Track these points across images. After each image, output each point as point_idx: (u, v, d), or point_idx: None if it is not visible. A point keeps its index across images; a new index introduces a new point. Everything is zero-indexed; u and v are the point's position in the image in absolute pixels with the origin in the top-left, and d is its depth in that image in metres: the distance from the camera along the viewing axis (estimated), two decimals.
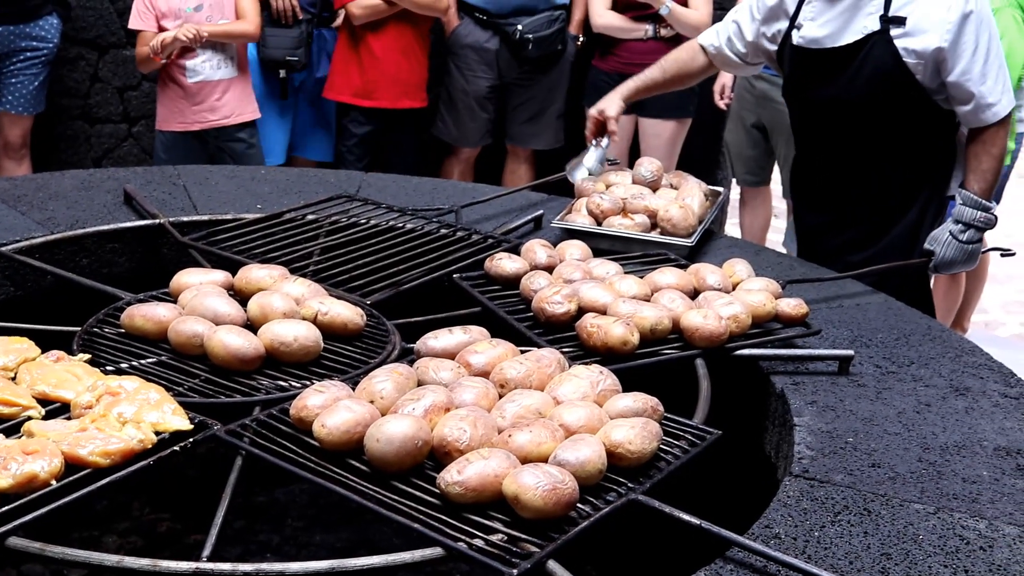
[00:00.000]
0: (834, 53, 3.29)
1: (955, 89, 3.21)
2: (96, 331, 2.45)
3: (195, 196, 3.42)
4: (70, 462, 1.84)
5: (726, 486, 2.50)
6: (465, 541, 1.72)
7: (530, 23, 5.76)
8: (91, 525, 2.80)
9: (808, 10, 3.34)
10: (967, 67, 3.16)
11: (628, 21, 5.70)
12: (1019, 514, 1.99)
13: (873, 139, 3.33)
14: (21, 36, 5.49)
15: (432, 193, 3.63)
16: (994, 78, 3.18)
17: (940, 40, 3.14)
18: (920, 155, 3.34)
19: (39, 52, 5.56)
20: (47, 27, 5.56)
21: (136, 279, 3.01)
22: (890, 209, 3.38)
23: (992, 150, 3.25)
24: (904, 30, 3.18)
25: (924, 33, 3.16)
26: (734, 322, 2.53)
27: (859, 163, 3.37)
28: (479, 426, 1.92)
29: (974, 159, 3.27)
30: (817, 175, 3.56)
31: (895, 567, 1.81)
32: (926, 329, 2.81)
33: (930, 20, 3.15)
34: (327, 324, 2.43)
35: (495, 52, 5.86)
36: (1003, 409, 2.40)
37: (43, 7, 5.53)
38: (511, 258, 2.84)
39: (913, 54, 3.18)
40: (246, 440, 1.99)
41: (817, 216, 3.56)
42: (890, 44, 3.19)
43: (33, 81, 5.59)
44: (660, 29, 5.66)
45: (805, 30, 3.34)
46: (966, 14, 3.13)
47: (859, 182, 3.39)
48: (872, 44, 3.22)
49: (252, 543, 2.81)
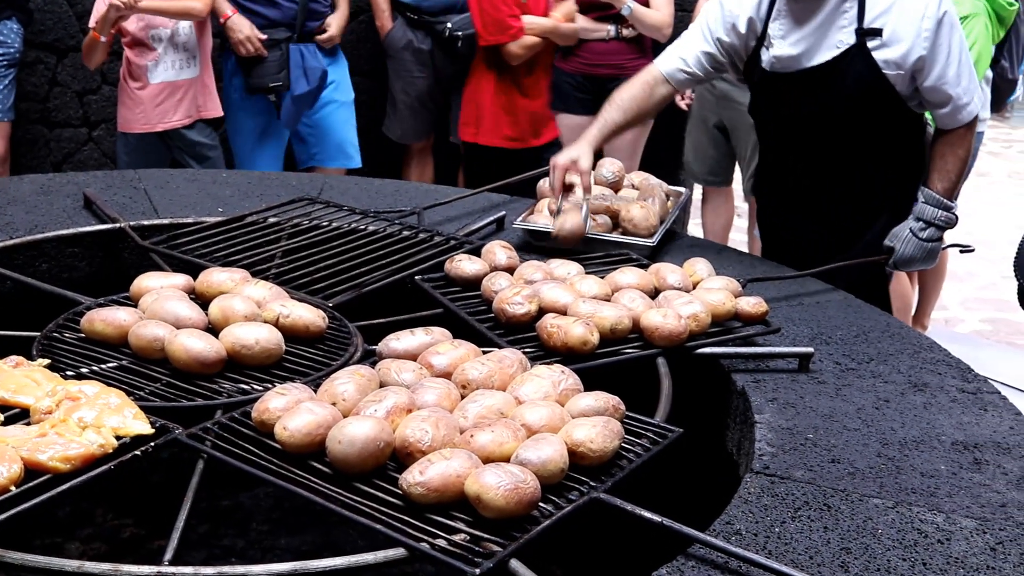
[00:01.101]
0: (810, 72, 3.21)
1: (932, 94, 3.18)
2: (56, 336, 2.43)
3: (156, 200, 3.40)
4: (30, 468, 1.83)
5: (689, 483, 2.51)
6: (428, 541, 1.72)
7: (459, 21, 5.76)
8: (53, 532, 2.78)
9: (776, 28, 3.24)
10: (943, 71, 3.13)
11: (590, 21, 5.72)
12: (976, 507, 2.02)
13: (847, 149, 3.31)
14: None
15: (394, 195, 3.63)
16: (968, 78, 3.18)
17: (920, 49, 3.09)
18: (893, 160, 3.33)
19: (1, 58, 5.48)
20: (6, 32, 5.47)
21: (97, 284, 3.00)
22: (862, 214, 3.35)
23: (958, 151, 3.26)
24: (881, 41, 3.12)
25: (902, 43, 3.11)
26: (694, 321, 2.54)
27: (832, 171, 3.35)
28: (441, 427, 1.92)
29: (939, 159, 3.27)
30: (787, 183, 3.51)
31: (854, 561, 1.83)
32: (885, 326, 2.84)
33: (906, 29, 3.10)
34: (289, 327, 2.43)
35: (429, 52, 5.87)
36: (960, 404, 2.43)
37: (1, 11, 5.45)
38: (471, 259, 2.84)
39: (892, 65, 3.13)
40: (208, 443, 1.98)
41: (787, 224, 3.53)
42: (868, 57, 3.13)
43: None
44: (622, 29, 5.69)
45: (776, 49, 3.24)
46: (940, 19, 3.09)
47: (832, 189, 3.36)
48: (850, 59, 3.15)
49: (216, 547, 2.80)
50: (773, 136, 3.50)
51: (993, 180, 9.90)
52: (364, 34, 6.46)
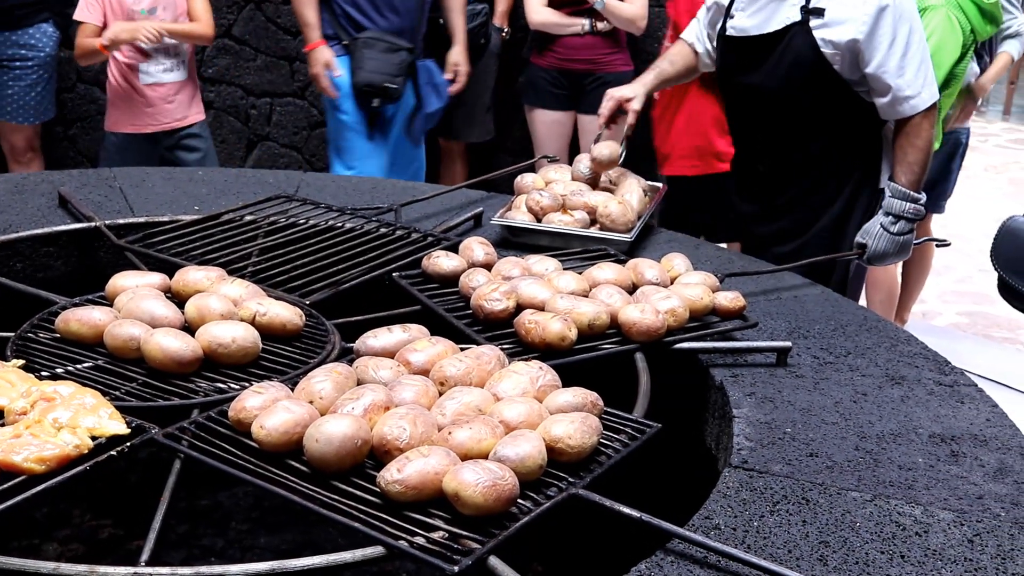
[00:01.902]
0: (758, 41, 3.41)
1: (873, 81, 3.31)
2: (30, 336, 2.41)
3: (131, 198, 3.38)
4: (4, 469, 1.81)
5: (668, 479, 2.51)
6: (406, 539, 1.71)
7: None
8: (31, 533, 2.77)
9: (739, 2, 3.50)
10: (883, 60, 3.25)
11: (564, 16, 5.72)
12: (954, 499, 2.02)
13: (797, 129, 3.44)
14: (8, 44, 5.48)
15: (371, 192, 3.62)
16: (913, 71, 3.25)
17: (856, 32, 3.24)
18: (845, 147, 3.42)
19: (29, 60, 5.54)
20: (39, 35, 5.55)
21: (72, 283, 2.98)
22: (816, 201, 3.47)
23: (917, 142, 3.31)
24: (822, 21, 3.30)
25: (841, 24, 3.27)
26: (671, 316, 2.54)
27: (785, 154, 3.49)
28: (419, 424, 1.92)
29: (900, 151, 3.33)
30: (748, 165, 3.66)
31: (833, 554, 1.83)
32: (862, 320, 2.85)
33: (847, 12, 3.27)
34: (266, 325, 2.41)
35: None
36: (938, 397, 2.44)
37: (35, 15, 5.51)
38: (448, 256, 2.84)
39: (830, 44, 3.29)
40: (184, 443, 1.97)
41: (749, 205, 3.67)
42: (809, 34, 3.31)
43: (29, 90, 5.58)
44: (596, 24, 5.69)
45: (736, 20, 3.49)
46: (882, 7, 3.22)
47: (786, 173, 3.50)
48: (793, 34, 3.34)
49: (195, 547, 2.79)
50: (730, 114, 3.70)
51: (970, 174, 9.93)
52: None
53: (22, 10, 5.47)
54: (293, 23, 6.52)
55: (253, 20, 6.58)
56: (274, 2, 6.54)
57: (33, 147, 5.80)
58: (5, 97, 5.58)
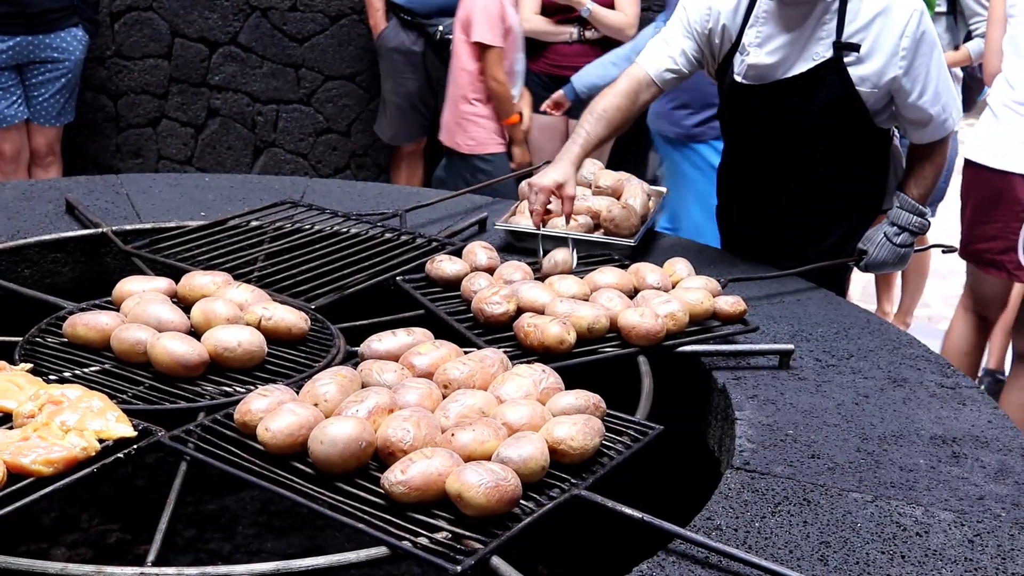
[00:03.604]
0: (784, 84, 3.15)
1: (913, 112, 3.13)
2: (38, 340, 2.43)
3: (138, 204, 3.40)
4: (13, 471, 1.83)
5: (671, 480, 2.52)
6: (410, 540, 1.73)
7: (451, 23, 5.79)
8: (39, 537, 2.79)
9: (753, 34, 3.15)
10: (922, 90, 3.08)
11: (553, 24, 5.76)
12: (954, 500, 2.04)
13: (811, 161, 3.27)
14: (40, 47, 5.57)
15: (377, 198, 3.64)
16: (946, 94, 3.13)
17: (896, 69, 3.03)
18: (854, 175, 3.30)
19: (60, 64, 5.63)
20: (69, 39, 5.64)
21: (79, 289, 3.00)
22: (821, 225, 3.33)
23: (937, 159, 3.25)
24: (857, 57, 3.05)
25: (878, 60, 3.05)
26: (671, 320, 2.55)
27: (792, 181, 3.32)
28: (422, 426, 1.93)
29: (918, 167, 3.23)
30: (746, 189, 3.48)
31: (833, 554, 1.84)
32: (865, 323, 2.86)
33: (883, 47, 3.04)
34: (271, 329, 2.43)
35: (421, 54, 5.90)
36: (939, 399, 2.45)
37: (66, 19, 5.60)
38: (451, 260, 2.85)
39: (867, 82, 3.07)
40: (190, 445, 1.99)
41: (748, 229, 3.50)
42: (843, 72, 3.06)
43: (56, 93, 5.68)
44: (585, 31, 5.73)
45: (752, 56, 3.16)
46: (917, 38, 3.03)
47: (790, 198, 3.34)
48: (825, 72, 3.08)
49: (203, 551, 2.81)
50: (738, 142, 3.45)
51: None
52: (346, 37, 6.48)
53: (55, 14, 5.57)
54: (299, 30, 6.55)
55: (259, 28, 6.61)
56: (280, 9, 6.56)
57: (54, 151, 5.90)
58: (35, 99, 5.69)
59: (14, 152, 5.71)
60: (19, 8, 5.42)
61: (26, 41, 5.50)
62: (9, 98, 5.60)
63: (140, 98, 6.72)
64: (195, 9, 6.50)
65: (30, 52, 5.54)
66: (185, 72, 6.63)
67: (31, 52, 5.54)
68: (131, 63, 6.64)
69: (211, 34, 6.60)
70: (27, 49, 5.52)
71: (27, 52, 5.53)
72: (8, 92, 5.58)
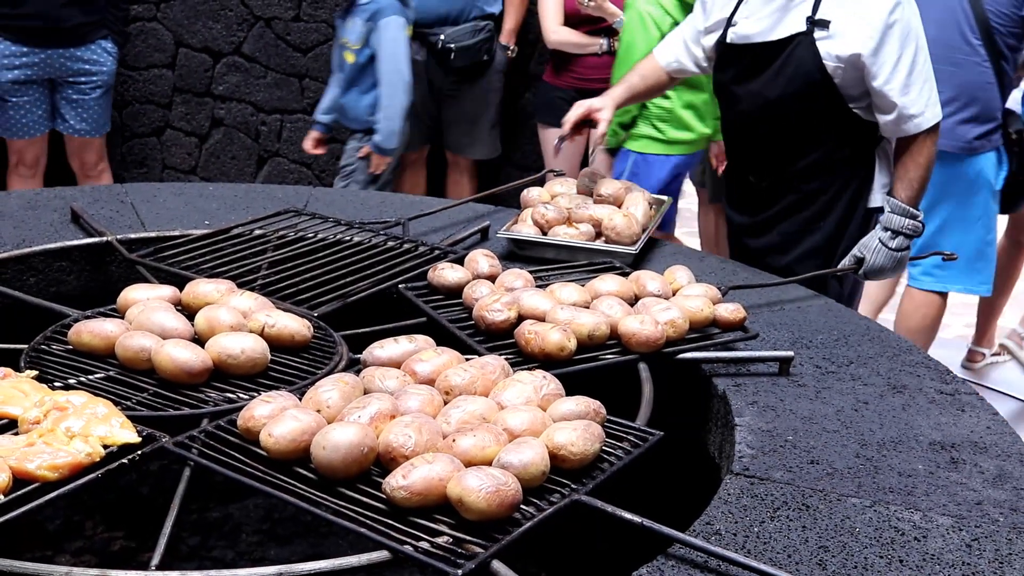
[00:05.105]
0: (761, 48, 3.39)
1: (878, 98, 3.30)
2: (44, 348, 2.45)
3: (143, 213, 3.42)
4: (18, 477, 1.85)
5: (671, 487, 2.54)
6: (411, 544, 1.74)
7: (453, 33, 5.80)
8: (44, 545, 2.80)
9: (744, 8, 3.44)
10: (889, 76, 3.24)
11: (583, 36, 5.72)
12: (953, 505, 2.05)
13: (791, 142, 3.42)
14: (72, 60, 5.66)
15: (380, 207, 3.66)
16: (918, 90, 3.25)
17: (861, 46, 3.23)
18: (838, 164, 3.40)
19: (94, 76, 5.73)
20: (99, 52, 5.73)
21: (84, 297, 3.02)
22: (806, 216, 3.45)
23: (919, 159, 3.32)
24: (827, 33, 3.27)
25: (845, 38, 3.25)
26: (671, 327, 2.57)
27: (778, 167, 3.46)
28: (424, 432, 1.95)
29: (902, 168, 3.34)
30: (740, 175, 3.64)
31: (832, 559, 1.86)
32: (865, 330, 2.87)
33: (853, 26, 3.24)
34: (274, 336, 2.45)
35: (423, 63, 5.91)
36: (939, 405, 2.46)
37: (95, 32, 5.69)
38: (453, 268, 2.87)
39: (833, 58, 3.27)
40: (194, 451, 2.00)
41: (742, 217, 3.65)
42: (812, 45, 3.28)
43: (93, 104, 5.78)
44: (614, 43, 5.67)
45: (739, 27, 3.44)
46: (889, 24, 3.21)
47: (777, 186, 3.48)
48: (796, 43, 3.31)
49: (207, 559, 2.82)
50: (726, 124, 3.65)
51: None
52: None
53: (85, 27, 5.66)
54: (303, 40, 6.58)
55: (263, 38, 6.64)
56: (284, 19, 6.60)
57: (103, 159, 6.03)
58: (71, 112, 5.78)
59: (34, 159, 5.84)
60: (52, 23, 5.52)
61: (57, 54, 5.59)
62: (35, 111, 5.70)
63: (144, 108, 6.76)
64: (199, 19, 6.54)
65: (61, 65, 5.63)
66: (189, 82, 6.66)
67: (62, 65, 5.63)
68: (135, 73, 6.68)
69: (215, 44, 6.63)
70: (58, 62, 5.61)
71: (58, 65, 5.62)
72: (35, 105, 5.68)
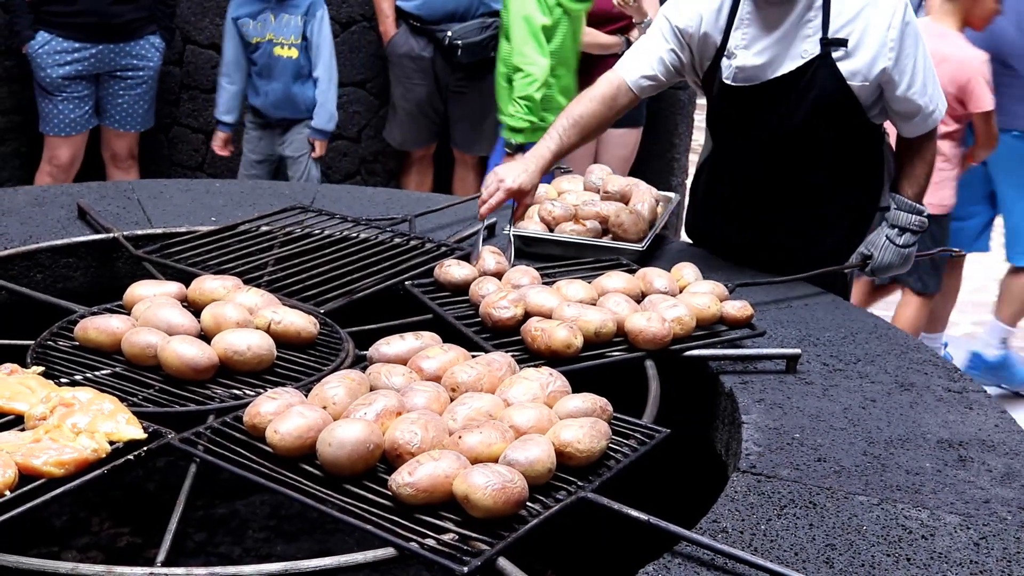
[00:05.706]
0: (774, 83, 3.14)
1: (902, 104, 3.14)
2: (50, 344, 2.45)
3: (149, 209, 3.42)
4: (24, 473, 1.85)
5: (677, 484, 2.53)
6: (417, 541, 1.74)
7: (460, 29, 5.80)
8: (50, 541, 2.80)
9: (739, 37, 3.14)
10: (911, 82, 3.09)
11: (606, 36, 5.69)
12: (960, 503, 2.04)
13: (806, 159, 3.24)
14: (121, 55, 5.70)
15: (386, 203, 3.66)
16: (932, 85, 3.15)
17: (885, 60, 3.04)
18: (848, 174, 3.29)
19: (140, 71, 5.78)
20: (147, 47, 5.78)
21: (91, 293, 3.02)
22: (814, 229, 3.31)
23: (925, 155, 3.25)
24: (845, 51, 3.05)
25: (866, 54, 3.06)
26: (678, 324, 2.56)
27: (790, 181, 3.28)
28: (430, 429, 1.94)
29: (908, 165, 3.25)
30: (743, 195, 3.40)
31: (839, 557, 1.85)
32: (872, 327, 2.86)
33: (871, 39, 3.05)
34: (280, 333, 2.45)
35: (431, 60, 5.91)
36: (946, 403, 2.46)
37: (144, 27, 5.74)
38: (460, 265, 2.87)
39: (858, 76, 3.07)
40: (200, 447, 2.00)
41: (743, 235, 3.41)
42: (833, 67, 3.06)
43: (136, 100, 5.84)
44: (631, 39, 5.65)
45: (739, 59, 3.14)
46: (904, 29, 3.04)
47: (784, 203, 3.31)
48: (814, 69, 3.08)
49: (213, 555, 2.82)
50: (729, 146, 3.40)
51: None
52: (356, 44, 6.49)
53: (136, 23, 5.70)
54: None
55: None
56: None
57: (133, 155, 6.05)
58: (116, 106, 5.82)
59: (69, 160, 5.83)
60: (104, 19, 5.56)
61: (108, 49, 5.63)
62: (82, 107, 5.73)
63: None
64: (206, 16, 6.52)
65: (111, 60, 5.67)
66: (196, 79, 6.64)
67: (112, 60, 5.67)
68: None
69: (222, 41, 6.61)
70: (108, 57, 5.65)
71: (108, 60, 5.66)
72: (83, 101, 5.72)
